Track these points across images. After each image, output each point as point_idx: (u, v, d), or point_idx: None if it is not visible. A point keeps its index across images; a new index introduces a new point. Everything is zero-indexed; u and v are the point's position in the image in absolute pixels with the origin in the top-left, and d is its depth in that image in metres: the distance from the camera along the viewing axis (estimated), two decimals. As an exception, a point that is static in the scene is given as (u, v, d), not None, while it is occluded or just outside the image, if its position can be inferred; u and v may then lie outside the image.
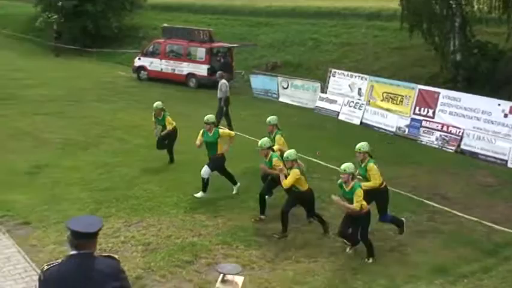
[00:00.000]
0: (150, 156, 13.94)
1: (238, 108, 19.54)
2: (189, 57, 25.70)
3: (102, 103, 20.32)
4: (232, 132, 12.37)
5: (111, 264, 4.28)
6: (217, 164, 11.55)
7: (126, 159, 13.88)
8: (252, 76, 24.73)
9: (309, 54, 26.99)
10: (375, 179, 9.54)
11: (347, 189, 8.96)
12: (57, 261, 4.21)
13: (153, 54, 26.61)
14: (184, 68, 25.61)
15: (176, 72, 25.85)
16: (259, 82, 24.26)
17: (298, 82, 22.95)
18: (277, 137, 11.49)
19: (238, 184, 11.81)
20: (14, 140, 14.87)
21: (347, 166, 8.93)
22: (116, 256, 4.46)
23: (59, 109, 18.72)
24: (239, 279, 6.61)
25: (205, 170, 11.35)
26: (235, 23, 33.23)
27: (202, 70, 24.49)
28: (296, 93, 22.86)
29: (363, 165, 9.69)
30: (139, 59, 26.91)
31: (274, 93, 23.59)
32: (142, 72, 26.69)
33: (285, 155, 9.82)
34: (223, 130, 12.43)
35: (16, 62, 27.64)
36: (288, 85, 23.16)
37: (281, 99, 23.12)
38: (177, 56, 26.15)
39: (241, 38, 29.76)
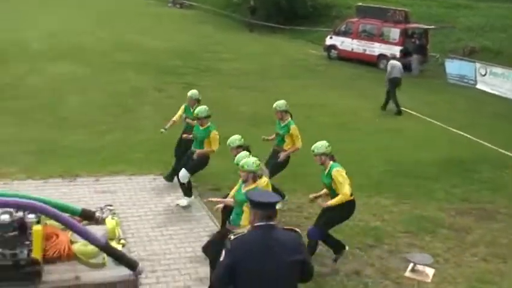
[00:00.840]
0: (338, 137, 13.83)
1: (431, 92, 18.69)
2: (381, 38, 25.05)
3: (290, 80, 20.61)
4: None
5: (293, 237, 4.31)
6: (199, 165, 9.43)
7: (312, 136, 13.89)
8: (447, 60, 23.44)
9: (511, 41, 24.88)
10: (344, 190, 7.31)
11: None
12: (243, 231, 4.32)
13: (345, 34, 26.40)
14: (376, 48, 25.03)
15: (367, 52, 25.38)
16: (454, 67, 22.93)
17: (498, 70, 21.28)
18: (292, 127, 9.61)
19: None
20: (208, 110, 15.60)
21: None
22: (298, 230, 4.47)
23: (250, 83, 19.33)
24: (430, 271, 6.26)
25: (183, 174, 9.26)
26: (432, 3, 31.70)
27: (394, 51, 23.73)
28: (495, 81, 21.24)
29: (326, 173, 7.59)
30: (330, 37, 26.87)
31: (471, 79, 22.16)
32: (332, 51, 26.63)
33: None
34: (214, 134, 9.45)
35: (214, 36, 29.06)
36: (486, 72, 21.60)
37: (479, 86, 21.67)
38: (369, 36, 25.63)
39: (438, 19, 28.29)
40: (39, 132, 12.52)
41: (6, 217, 6.77)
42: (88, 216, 7.41)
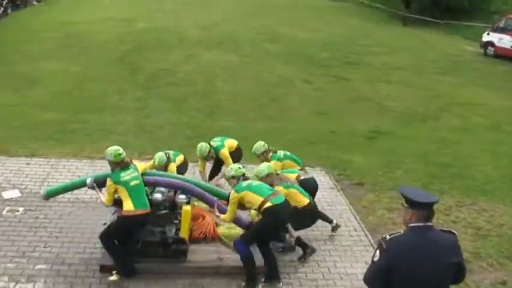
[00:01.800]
0: (491, 138, 13.05)
1: None
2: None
3: (444, 76, 19.72)
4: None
5: (451, 239, 4.17)
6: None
7: (464, 137, 13.26)
8: None
9: None
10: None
11: None
12: (399, 231, 4.17)
13: (503, 30, 24.71)
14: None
15: (528, 51, 23.58)
16: None
17: None
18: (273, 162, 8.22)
19: None
20: (355, 104, 15.40)
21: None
22: (455, 232, 4.29)
23: (401, 78, 18.76)
24: None
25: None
26: None
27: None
28: None
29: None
30: (488, 34, 25.30)
31: None
32: (489, 48, 25.06)
33: None
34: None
35: (364, 28, 28.56)
36: None
37: None
38: (531, 34, 23.79)
39: None
40: (192, 118, 13.11)
41: (158, 196, 7.19)
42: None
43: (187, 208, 7.15)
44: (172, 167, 8.26)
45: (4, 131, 11.50)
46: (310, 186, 7.99)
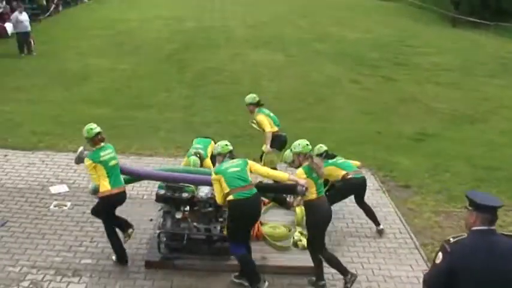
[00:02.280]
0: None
1: None
2: None
3: (493, 78, 19.19)
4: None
5: None
6: None
7: (513, 140, 12.91)
8: None
9: None
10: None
11: None
12: (463, 234, 4.14)
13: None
14: None
15: None
16: None
17: None
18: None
19: None
20: (403, 105, 15.15)
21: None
22: None
23: (449, 80, 18.37)
24: None
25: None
26: None
27: None
28: None
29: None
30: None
31: None
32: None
33: None
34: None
35: (413, 29, 28.12)
36: None
37: None
38: None
39: None
40: (238, 116, 13.13)
41: (204, 194, 7.23)
42: (280, 199, 7.60)
43: (232, 206, 7.16)
44: (207, 162, 8.19)
45: (54, 126, 11.79)
46: (356, 185, 7.94)
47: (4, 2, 23.06)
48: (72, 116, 12.48)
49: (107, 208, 6.94)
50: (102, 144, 6.94)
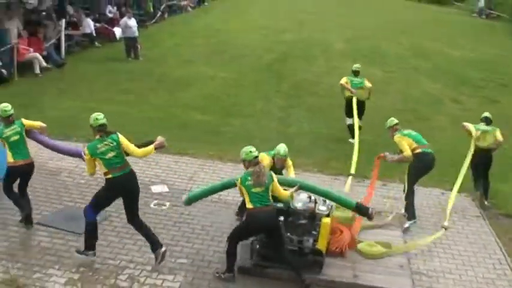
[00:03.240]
0: None
1: None
2: None
3: None
4: None
5: None
6: None
7: None
8: None
9: None
10: None
11: None
12: None
13: None
14: None
15: None
16: None
17: None
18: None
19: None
20: (507, 128, 14.45)
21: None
22: None
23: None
24: None
25: None
26: None
27: None
28: None
29: None
30: None
31: None
32: None
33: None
34: None
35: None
36: None
37: None
38: None
39: None
40: (334, 130, 13.10)
41: (299, 205, 7.28)
42: (362, 210, 7.53)
43: (326, 220, 7.17)
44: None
45: (157, 129, 12.19)
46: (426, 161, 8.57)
47: (115, 8, 24.26)
48: (174, 120, 12.93)
49: (11, 177, 7.81)
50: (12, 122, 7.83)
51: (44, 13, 18.73)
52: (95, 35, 21.18)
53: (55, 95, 14.44)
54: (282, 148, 8.00)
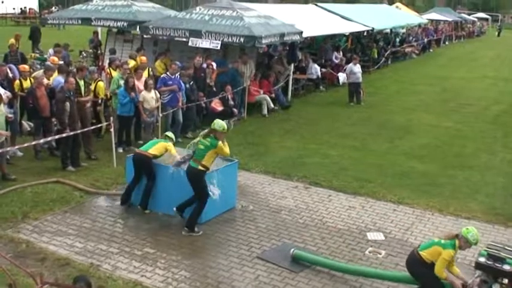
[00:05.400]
0: None
1: None
2: None
3: None
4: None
5: None
6: None
7: None
8: None
9: None
10: None
11: None
12: None
13: None
14: None
15: None
16: None
17: None
18: None
19: None
20: None
21: None
22: None
23: None
24: None
25: None
26: None
27: None
28: None
29: None
30: None
31: None
32: None
33: None
34: None
35: None
36: None
37: None
38: None
39: None
40: None
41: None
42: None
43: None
44: None
45: (375, 175, 12.26)
46: None
47: (341, 53, 25.04)
48: (394, 168, 12.83)
49: None
50: None
51: (276, 57, 20.08)
52: (320, 79, 22.08)
53: (280, 135, 15.28)
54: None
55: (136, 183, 9.70)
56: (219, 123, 8.81)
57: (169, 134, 10.33)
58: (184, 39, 16.43)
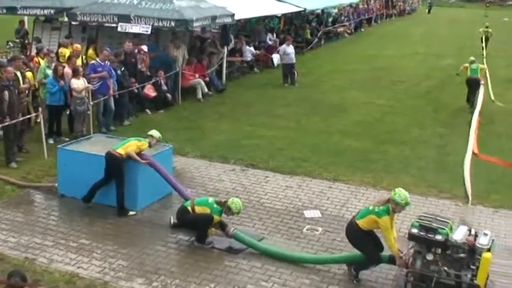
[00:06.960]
0: None
1: None
2: None
3: None
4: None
5: None
6: None
7: None
8: None
9: None
10: None
11: None
12: None
13: None
14: None
15: None
16: None
17: None
18: None
19: None
20: None
21: None
22: None
23: None
24: None
25: None
26: None
27: None
28: None
29: None
30: None
31: None
32: None
33: None
34: None
35: None
36: None
37: None
38: None
39: None
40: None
41: (459, 238, 6.97)
42: None
43: (487, 255, 6.78)
44: None
45: (311, 154, 12.41)
46: None
47: (274, 35, 25.10)
48: (328, 146, 13.02)
49: None
50: None
51: (208, 41, 19.90)
52: (254, 61, 22.08)
53: (215, 119, 15.21)
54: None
55: (104, 184, 9.27)
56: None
57: (154, 132, 9.46)
58: (113, 25, 16.03)
